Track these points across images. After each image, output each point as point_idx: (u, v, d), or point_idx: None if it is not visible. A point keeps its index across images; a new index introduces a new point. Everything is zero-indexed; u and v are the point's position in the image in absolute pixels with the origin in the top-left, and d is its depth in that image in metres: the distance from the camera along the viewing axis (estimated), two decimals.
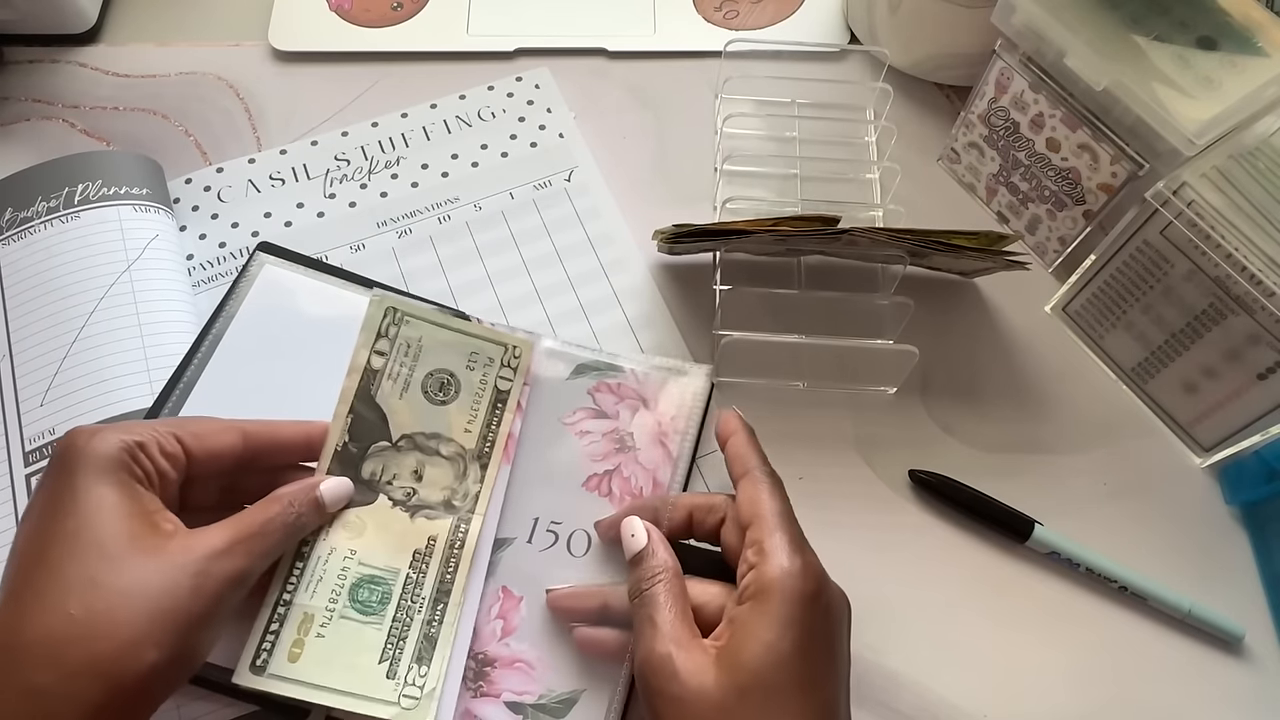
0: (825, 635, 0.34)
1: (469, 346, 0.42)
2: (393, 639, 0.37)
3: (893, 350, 0.47)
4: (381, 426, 0.40)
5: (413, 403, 0.41)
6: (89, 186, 0.48)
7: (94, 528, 0.31)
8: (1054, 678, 0.43)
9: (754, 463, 0.39)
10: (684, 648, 0.33)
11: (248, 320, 0.45)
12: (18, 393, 0.44)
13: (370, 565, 0.38)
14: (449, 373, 0.41)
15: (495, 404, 0.41)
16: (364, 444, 0.40)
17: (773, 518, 0.36)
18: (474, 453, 0.41)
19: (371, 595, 0.38)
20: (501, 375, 0.42)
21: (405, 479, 0.40)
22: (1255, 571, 0.46)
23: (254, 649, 0.36)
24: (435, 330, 0.41)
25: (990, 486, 0.46)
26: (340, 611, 0.37)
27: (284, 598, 0.37)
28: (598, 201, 0.55)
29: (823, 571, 0.35)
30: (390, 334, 0.41)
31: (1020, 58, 0.48)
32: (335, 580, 0.38)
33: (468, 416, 0.41)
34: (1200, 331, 0.45)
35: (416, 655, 0.37)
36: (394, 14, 0.61)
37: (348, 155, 0.55)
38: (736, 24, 0.63)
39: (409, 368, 0.41)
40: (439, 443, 0.40)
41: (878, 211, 0.55)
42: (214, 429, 0.36)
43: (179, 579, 0.31)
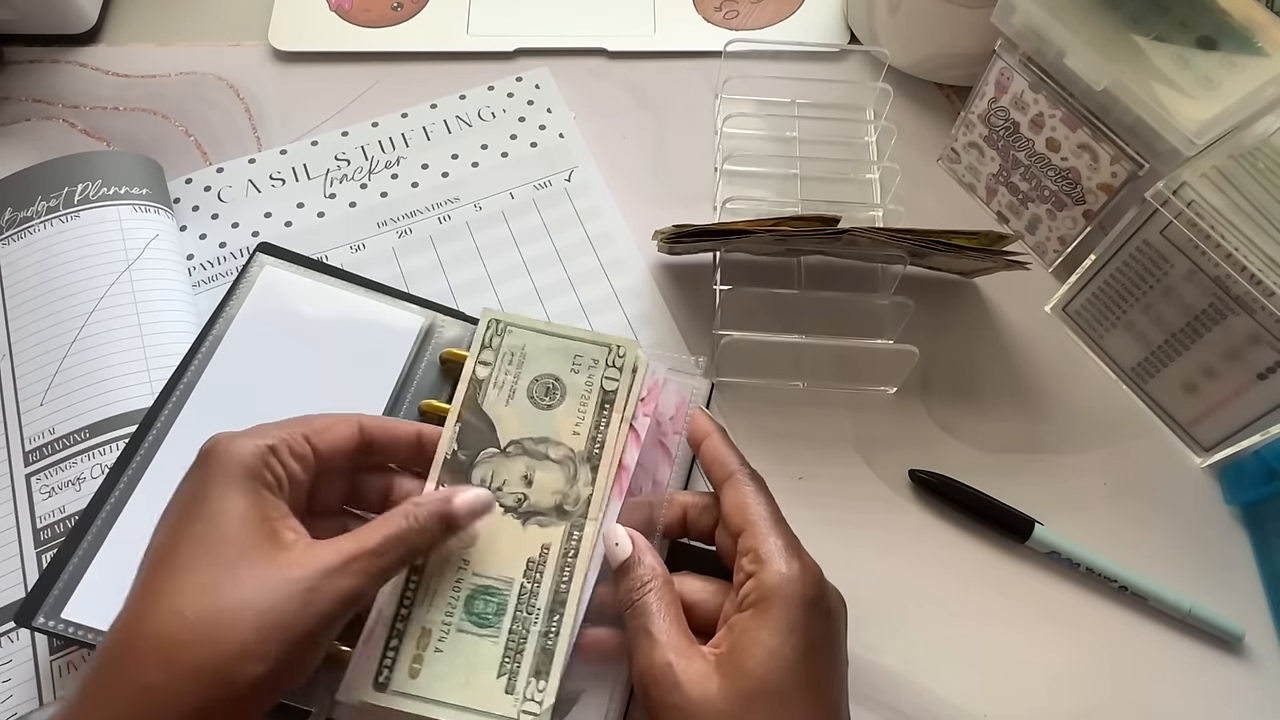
0: (827, 638, 0.34)
1: (572, 350, 0.42)
2: (510, 652, 0.37)
3: (893, 350, 0.47)
4: (489, 434, 0.40)
5: (519, 409, 0.41)
6: (89, 186, 0.48)
7: (219, 534, 0.31)
8: (1054, 678, 0.43)
9: (735, 465, 0.38)
10: (684, 656, 0.33)
11: (248, 321, 0.45)
12: (18, 392, 0.44)
13: (484, 575, 0.38)
14: (554, 377, 0.41)
15: (602, 405, 0.41)
16: (473, 451, 0.39)
17: (764, 523, 0.36)
18: (583, 455, 0.40)
19: (487, 607, 0.37)
20: (607, 376, 0.41)
21: (515, 485, 0.39)
22: (1255, 571, 0.46)
23: (375, 665, 0.36)
24: (538, 337, 0.42)
25: (990, 486, 0.46)
26: (457, 625, 0.37)
27: (401, 613, 0.37)
28: (598, 201, 0.55)
29: (821, 574, 0.35)
30: (494, 344, 0.41)
31: (1020, 58, 0.48)
32: (450, 593, 0.37)
33: (575, 419, 0.41)
34: (1200, 331, 0.45)
35: (534, 669, 0.37)
36: (394, 14, 0.61)
37: (348, 155, 0.55)
38: (736, 24, 0.63)
39: (514, 375, 0.41)
40: (547, 446, 0.40)
41: (878, 211, 0.55)
42: (332, 422, 0.37)
43: (290, 594, 0.31)
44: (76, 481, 0.42)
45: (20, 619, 0.38)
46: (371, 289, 0.47)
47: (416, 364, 0.45)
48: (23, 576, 0.41)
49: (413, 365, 0.45)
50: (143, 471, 0.41)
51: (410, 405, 0.44)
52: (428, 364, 0.46)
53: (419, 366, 0.45)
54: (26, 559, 0.41)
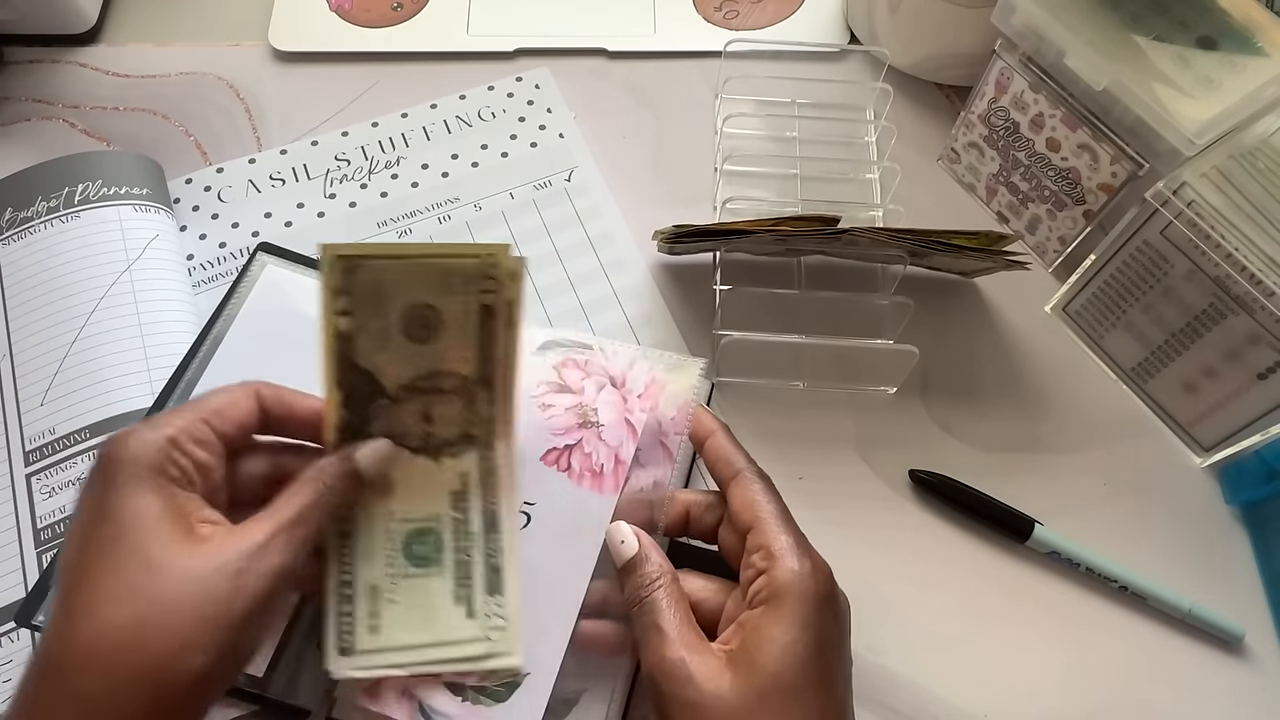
0: (837, 636, 0.34)
1: (439, 270, 0.37)
2: (460, 580, 0.37)
3: (893, 350, 0.47)
4: (374, 387, 0.37)
5: (398, 351, 0.37)
6: (89, 186, 0.48)
7: (132, 536, 0.31)
8: (1054, 677, 0.43)
9: (742, 463, 0.38)
10: (696, 652, 0.33)
11: (248, 321, 0.45)
12: (18, 392, 0.44)
13: (413, 520, 0.38)
14: (427, 305, 0.37)
15: (484, 322, 0.38)
16: (363, 410, 0.37)
17: (774, 520, 0.36)
18: (475, 377, 0.38)
19: (425, 547, 0.37)
20: (484, 290, 0.37)
21: (416, 426, 0.38)
22: (1255, 571, 0.46)
23: (335, 635, 0.36)
24: (395, 266, 0.36)
25: (990, 486, 0.46)
26: (402, 572, 0.37)
27: (344, 578, 0.36)
28: (598, 201, 0.55)
29: (831, 572, 0.35)
30: (348, 287, 0.36)
31: (1020, 58, 0.48)
32: (385, 545, 0.37)
33: (461, 345, 0.38)
34: (1200, 331, 0.45)
35: (488, 588, 0.37)
36: (394, 14, 0.61)
37: (348, 155, 0.55)
38: (736, 24, 0.63)
39: (381, 316, 0.36)
40: (439, 380, 0.38)
41: (878, 211, 0.55)
42: (230, 399, 0.35)
43: (218, 581, 0.30)
44: (77, 481, 0.42)
45: (20, 619, 0.38)
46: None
47: None
48: (23, 576, 0.41)
49: None
50: None
51: None
52: None
53: None
54: (27, 559, 0.41)
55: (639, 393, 0.43)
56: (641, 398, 0.43)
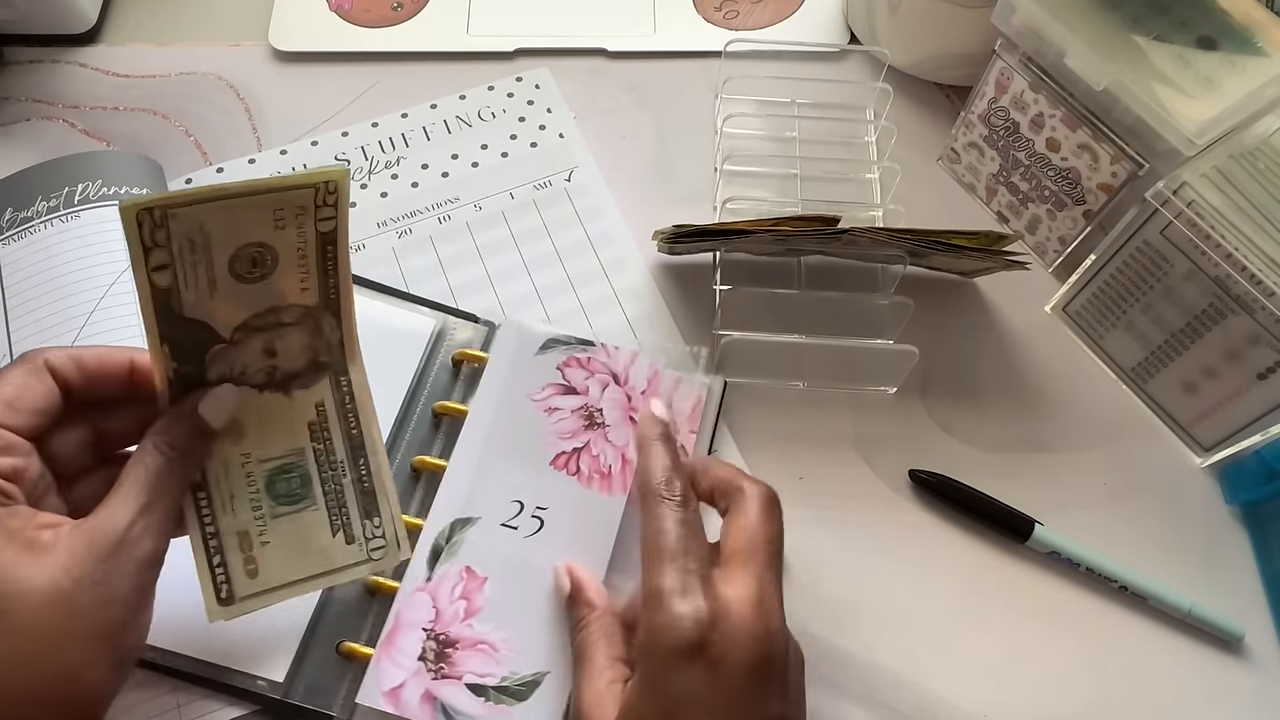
0: (705, 701, 0.30)
1: (269, 205, 0.33)
2: (333, 510, 0.37)
3: (893, 350, 0.47)
4: (207, 334, 0.34)
5: (230, 294, 0.34)
6: (89, 186, 0.48)
7: None
8: (1054, 677, 0.43)
9: (647, 486, 0.35)
10: (601, 702, 0.34)
11: None
12: None
13: (271, 458, 0.36)
14: (257, 244, 0.33)
15: (324, 248, 0.35)
16: (199, 359, 0.34)
17: (653, 559, 0.32)
18: (320, 305, 0.36)
19: (291, 484, 0.36)
20: (321, 218, 0.34)
21: (258, 362, 0.36)
22: (1255, 571, 0.46)
23: (211, 587, 0.35)
24: (217, 209, 0.32)
25: (990, 486, 0.46)
26: (271, 513, 0.36)
27: (209, 530, 0.35)
28: (598, 201, 0.55)
29: (713, 617, 0.31)
30: (161, 239, 0.31)
31: (1020, 58, 0.48)
32: (246, 490, 0.36)
33: (299, 276, 0.35)
34: (1200, 331, 0.45)
35: (364, 512, 0.37)
36: (394, 14, 0.61)
37: (348, 155, 0.55)
38: (736, 24, 0.63)
39: (205, 263, 0.32)
40: (278, 314, 0.35)
41: (878, 211, 0.55)
42: (20, 384, 0.31)
43: (80, 595, 0.28)
44: None
45: None
46: (382, 293, 0.47)
47: (429, 367, 0.46)
48: None
49: (425, 368, 0.45)
50: None
51: (424, 407, 0.45)
52: (440, 366, 0.46)
53: (431, 369, 0.46)
54: None
55: (642, 389, 0.43)
56: (645, 394, 0.43)
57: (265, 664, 0.38)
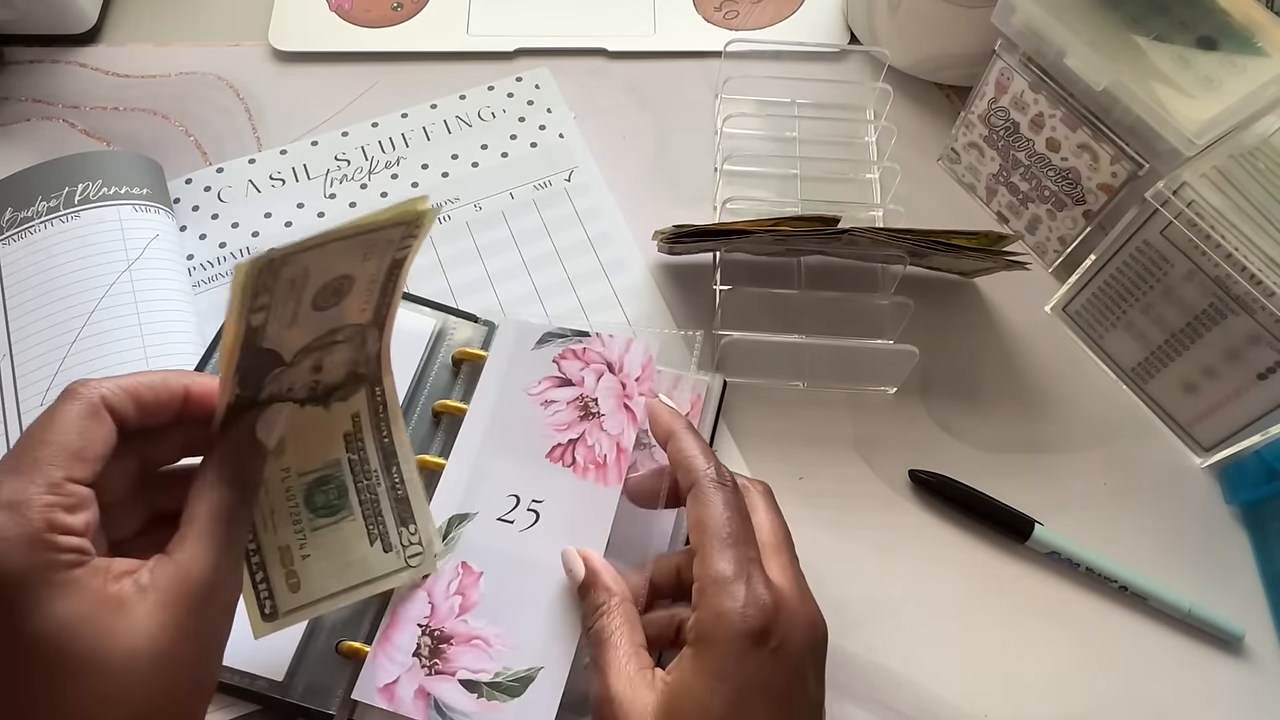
0: (771, 683, 0.31)
1: (364, 243, 0.34)
2: (370, 519, 0.37)
3: (893, 350, 0.47)
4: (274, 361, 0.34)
5: (305, 322, 0.34)
6: (89, 186, 0.48)
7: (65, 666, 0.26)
8: (1054, 677, 0.43)
9: (699, 472, 0.35)
10: (632, 687, 0.32)
11: None
12: (18, 393, 0.44)
13: (310, 471, 0.36)
14: (343, 276, 0.34)
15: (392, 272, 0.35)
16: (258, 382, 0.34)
17: (714, 545, 0.33)
18: (370, 321, 0.36)
19: (328, 497, 0.37)
20: (399, 248, 0.34)
21: (305, 378, 0.36)
22: (1255, 571, 0.46)
23: (255, 604, 0.35)
24: (321, 251, 0.33)
25: (990, 486, 0.46)
26: (310, 526, 0.36)
27: (250, 549, 0.35)
28: (598, 201, 0.55)
29: (772, 604, 0.32)
30: (268, 284, 0.32)
31: (1020, 58, 0.48)
32: (286, 505, 0.36)
33: (363, 300, 0.35)
34: (1200, 331, 0.45)
35: (399, 520, 0.38)
36: (394, 14, 0.61)
37: (348, 155, 0.55)
38: (736, 24, 0.63)
39: (296, 299, 0.33)
40: (335, 334, 0.35)
41: (878, 211, 0.55)
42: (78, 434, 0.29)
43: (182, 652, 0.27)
44: None
45: None
46: None
47: (429, 366, 0.46)
48: None
49: (425, 367, 0.45)
50: None
51: (424, 406, 0.45)
52: (440, 366, 0.46)
53: (432, 368, 0.46)
54: None
55: (636, 375, 0.43)
56: (640, 380, 0.43)
57: (264, 663, 0.38)
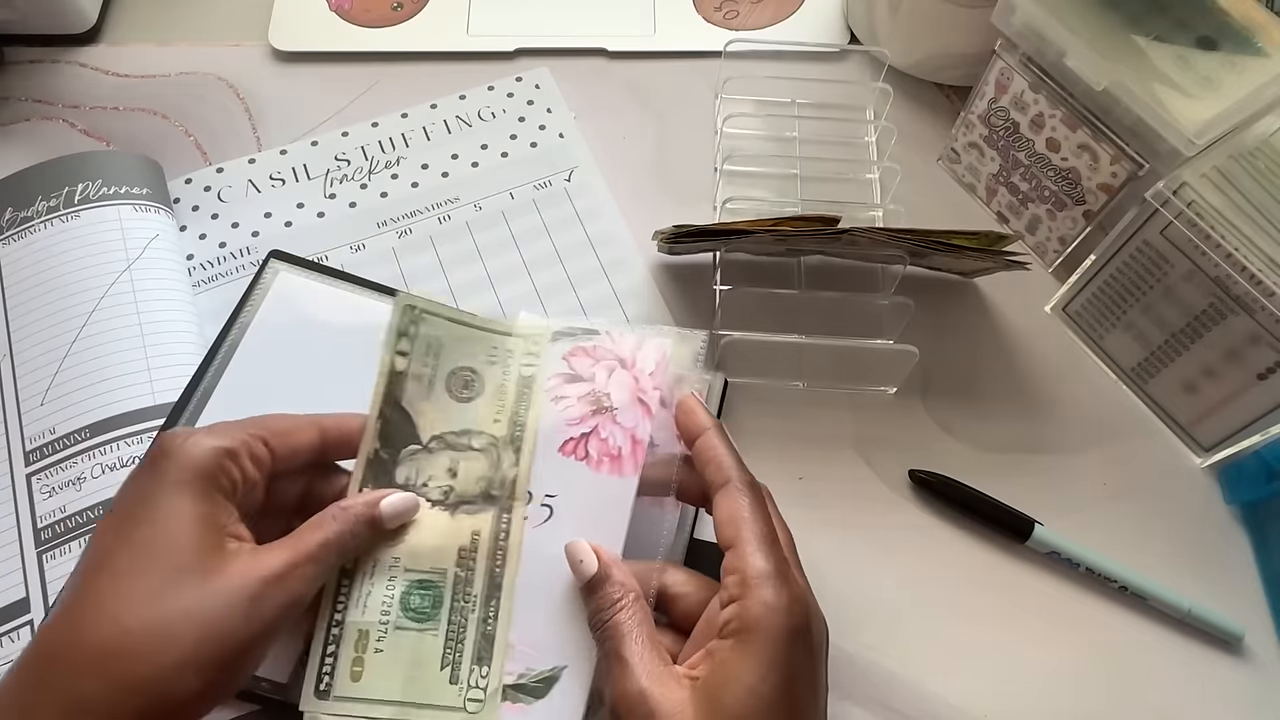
0: (809, 671, 0.32)
1: (489, 342, 0.41)
2: (450, 642, 0.37)
3: (893, 350, 0.47)
4: (410, 430, 0.39)
5: (439, 403, 0.40)
6: (89, 186, 0.48)
7: (164, 540, 0.31)
8: (1054, 677, 0.43)
9: (732, 471, 0.36)
10: (659, 682, 0.32)
11: (263, 329, 0.45)
12: (18, 392, 0.44)
13: (417, 570, 0.37)
14: (471, 369, 0.40)
15: (521, 392, 0.40)
16: (395, 449, 0.39)
17: (754, 542, 0.34)
18: (505, 439, 0.39)
19: (423, 601, 0.37)
20: (524, 364, 0.41)
21: (440, 479, 0.39)
22: (1255, 571, 0.46)
23: (315, 675, 0.35)
24: (454, 328, 0.41)
25: (990, 486, 0.46)
26: (395, 623, 0.36)
27: (335, 618, 0.36)
28: (598, 201, 0.55)
29: (808, 601, 0.33)
30: (411, 332, 0.40)
31: (1020, 58, 0.48)
32: (384, 592, 0.37)
33: (495, 408, 0.40)
34: (1200, 331, 0.45)
35: (476, 656, 0.37)
36: (394, 14, 0.61)
37: (348, 155, 0.55)
38: (736, 24, 0.63)
39: (431, 368, 0.40)
40: (470, 438, 0.39)
41: (878, 211, 0.55)
42: (294, 425, 0.36)
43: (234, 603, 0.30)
44: (77, 481, 0.42)
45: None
46: (385, 293, 0.47)
47: None
48: (23, 576, 0.41)
49: None
50: None
51: None
52: None
53: None
54: (27, 559, 0.41)
55: (650, 370, 0.43)
56: (653, 375, 0.43)
57: (268, 665, 0.38)
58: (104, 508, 0.42)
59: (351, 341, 0.45)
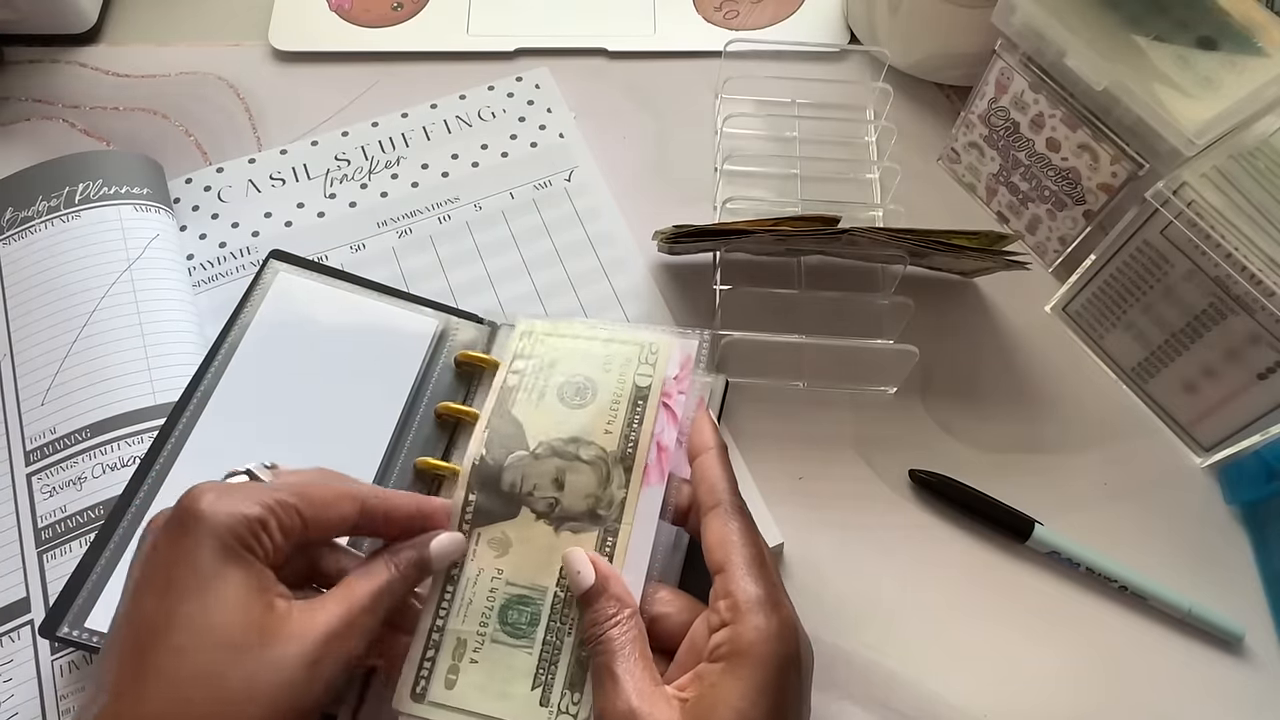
0: (797, 699, 0.32)
1: (604, 352, 0.41)
2: (544, 663, 0.36)
3: (893, 350, 0.47)
4: (518, 436, 0.39)
5: (549, 409, 0.40)
6: (89, 186, 0.48)
7: (217, 614, 0.30)
8: (1054, 677, 0.43)
9: (724, 494, 0.36)
10: (648, 701, 0.32)
11: (263, 329, 0.45)
12: (18, 392, 0.44)
13: (518, 585, 0.37)
14: (585, 376, 0.40)
15: (635, 401, 0.40)
16: (501, 456, 0.39)
17: (744, 566, 0.33)
18: (616, 455, 0.39)
19: (521, 616, 0.37)
20: (640, 373, 0.40)
21: (546, 488, 0.38)
22: (1255, 571, 0.46)
23: (413, 676, 0.36)
24: (572, 343, 0.42)
25: (990, 486, 0.46)
26: (492, 635, 0.36)
27: (437, 624, 0.36)
28: (598, 201, 0.55)
29: (797, 626, 0.33)
30: (527, 353, 0.41)
31: (1020, 58, 0.48)
32: (484, 603, 0.37)
33: (607, 417, 0.39)
34: (1200, 331, 0.45)
35: (569, 681, 0.36)
36: (394, 14, 0.61)
37: (348, 155, 0.55)
38: (736, 24, 0.63)
39: (544, 378, 0.40)
40: (578, 447, 0.39)
41: (878, 211, 0.55)
42: (332, 498, 0.34)
43: (296, 668, 0.30)
44: (78, 481, 0.42)
45: (45, 631, 0.38)
46: (385, 293, 0.47)
47: (432, 367, 0.45)
48: (24, 576, 0.41)
49: (428, 369, 0.45)
50: (162, 480, 0.41)
51: (426, 408, 0.44)
52: (443, 367, 0.46)
53: (434, 370, 0.45)
54: (27, 559, 0.41)
55: (675, 374, 0.42)
56: (679, 379, 0.42)
57: None
58: (104, 508, 0.41)
59: (352, 341, 0.45)
